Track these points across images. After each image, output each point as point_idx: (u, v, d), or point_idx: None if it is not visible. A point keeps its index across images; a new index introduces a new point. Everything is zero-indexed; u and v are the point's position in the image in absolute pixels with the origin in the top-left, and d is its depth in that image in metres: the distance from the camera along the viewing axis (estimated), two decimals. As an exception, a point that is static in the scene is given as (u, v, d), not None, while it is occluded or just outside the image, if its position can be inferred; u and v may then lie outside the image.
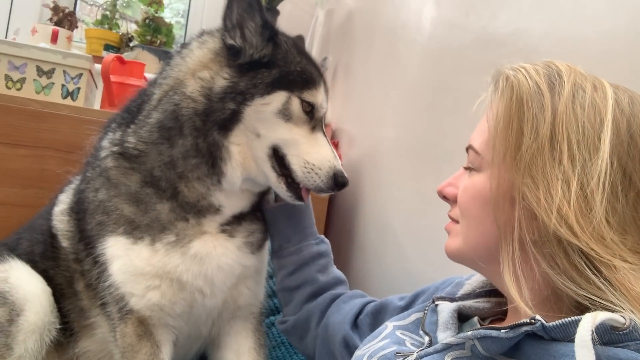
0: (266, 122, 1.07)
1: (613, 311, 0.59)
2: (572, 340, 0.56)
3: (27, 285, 1.15)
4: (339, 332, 1.07)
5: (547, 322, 0.59)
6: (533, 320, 0.60)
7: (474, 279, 0.88)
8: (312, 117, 1.10)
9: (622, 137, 0.66)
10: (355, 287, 1.42)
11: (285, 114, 1.07)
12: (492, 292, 0.84)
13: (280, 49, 1.10)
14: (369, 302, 1.12)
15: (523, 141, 0.67)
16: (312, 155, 1.09)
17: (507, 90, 0.71)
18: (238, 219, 1.15)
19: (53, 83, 1.65)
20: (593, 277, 0.61)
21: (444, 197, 0.84)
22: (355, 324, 1.09)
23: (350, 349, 1.03)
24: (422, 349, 0.73)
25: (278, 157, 1.09)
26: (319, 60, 2.33)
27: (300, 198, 1.11)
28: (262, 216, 1.21)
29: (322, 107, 1.12)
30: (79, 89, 1.67)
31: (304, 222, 1.24)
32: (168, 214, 1.08)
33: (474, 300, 0.84)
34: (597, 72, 0.76)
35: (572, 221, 0.63)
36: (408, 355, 0.74)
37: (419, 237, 1.42)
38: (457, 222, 0.79)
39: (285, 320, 1.23)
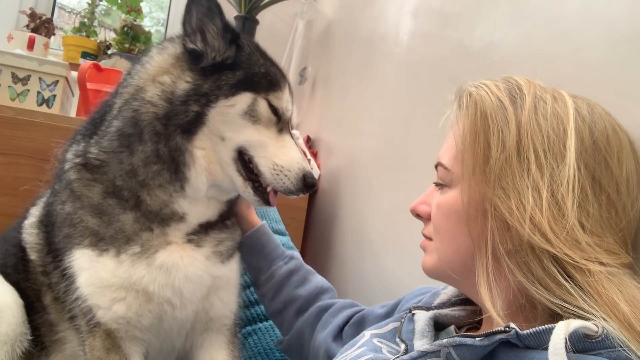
0: (231, 124, 1.06)
1: (585, 319, 0.60)
2: (546, 349, 0.57)
3: (0, 296, 1.13)
4: (322, 345, 1.07)
5: (521, 330, 0.60)
6: (507, 329, 0.61)
7: (450, 288, 0.89)
8: (280, 119, 1.10)
9: (586, 143, 0.68)
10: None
11: (251, 116, 1.07)
12: (467, 301, 0.85)
13: (243, 51, 1.10)
14: (358, 311, 1.11)
15: (491, 154, 0.69)
16: (280, 157, 1.08)
17: (471, 106, 0.73)
18: (205, 228, 1.13)
19: (28, 90, 1.63)
20: (565, 283, 0.63)
21: (417, 215, 0.85)
22: (340, 335, 1.08)
23: None
24: (398, 356, 0.73)
25: (244, 161, 1.08)
26: (298, 70, 2.36)
27: (267, 202, 1.11)
28: (231, 224, 1.20)
29: (288, 109, 1.12)
30: (54, 96, 1.65)
31: (267, 249, 1.26)
32: (132, 224, 1.07)
33: (450, 309, 0.84)
34: (570, 84, 0.78)
35: (545, 228, 0.64)
36: None
37: (395, 247, 1.43)
38: (431, 239, 0.80)
39: (283, 341, 1.24)
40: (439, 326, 0.83)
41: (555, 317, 0.64)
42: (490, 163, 0.68)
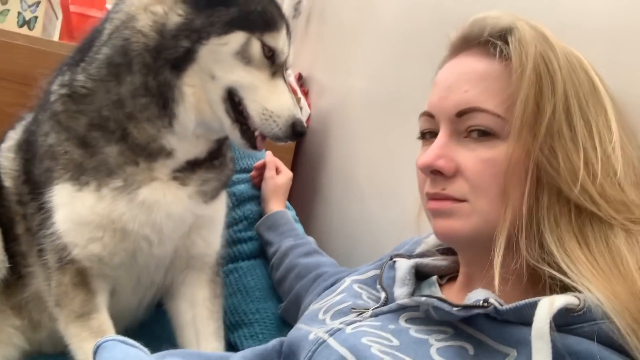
0: (223, 64, 1.02)
1: (569, 287, 0.58)
2: (526, 324, 0.55)
3: None
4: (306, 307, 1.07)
5: (500, 305, 0.59)
6: (486, 304, 0.59)
7: (432, 237, 0.87)
8: (273, 62, 1.06)
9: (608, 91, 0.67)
10: (317, 239, 1.43)
11: (244, 56, 1.02)
12: (449, 251, 0.83)
13: None
14: (345, 274, 1.11)
15: (543, 107, 0.63)
16: (271, 102, 1.04)
17: (526, 49, 0.65)
18: (192, 166, 1.11)
19: (8, 10, 1.57)
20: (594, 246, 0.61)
21: (434, 172, 0.70)
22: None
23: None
24: (377, 307, 0.73)
25: (233, 102, 1.05)
26: (292, 3, 2.27)
27: (254, 146, 1.08)
28: (219, 164, 1.17)
29: (284, 52, 1.07)
30: (36, 17, 1.58)
31: (283, 228, 1.35)
32: (116, 157, 1.04)
33: (432, 259, 0.83)
34: (572, 32, 0.74)
35: (592, 190, 0.62)
36: (363, 312, 0.73)
37: (382, 191, 1.41)
38: (461, 200, 0.68)
39: (282, 306, 1.27)
40: (421, 275, 0.82)
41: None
42: (540, 114, 0.63)
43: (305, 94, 2.01)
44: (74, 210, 1.03)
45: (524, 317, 0.57)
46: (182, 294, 1.22)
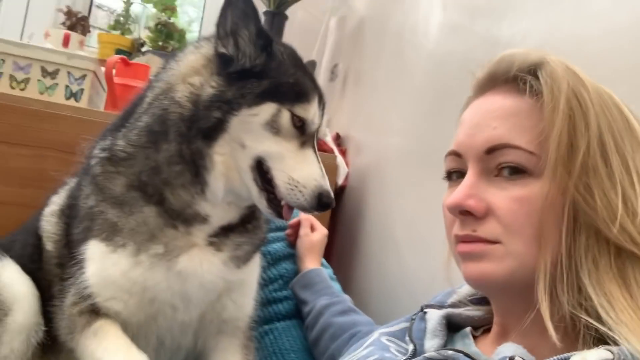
0: (253, 134, 1.02)
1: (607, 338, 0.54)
2: None
3: (17, 285, 1.13)
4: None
5: None
6: None
7: (465, 287, 0.83)
8: (303, 132, 1.05)
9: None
10: (356, 295, 1.40)
11: (273, 127, 1.02)
12: (483, 300, 0.79)
13: (274, 60, 1.05)
14: None
15: (577, 143, 0.60)
16: (297, 172, 1.03)
17: (558, 84, 0.63)
18: (225, 231, 1.10)
19: (57, 84, 1.65)
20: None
21: (463, 213, 0.66)
22: None
23: None
24: (405, 359, 0.69)
25: (262, 171, 1.04)
26: (329, 67, 2.32)
27: (280, 215, 1.05)
28: (252, 227, 1.16)
29: (314, 122, 1.07)
30: (82, 90, 1.66)
31: (318, 286, 1.33)
32: (155, 217, 1.04)
33: (465, 309, 0.79)
34: (600, 70, 0.72)
35: (631, 228, 0.58)
36: None
37: (419, 246, 1.38)
38: (494, 242, 0.64)
39: None
40: (454, 327, 0.77)
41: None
42: (574, 151, 0.60)
43: (343, 153, 2.02)
44: (104, 268, 1.03)
45: None
46: None
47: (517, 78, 0.66)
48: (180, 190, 1.05)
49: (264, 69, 1.03)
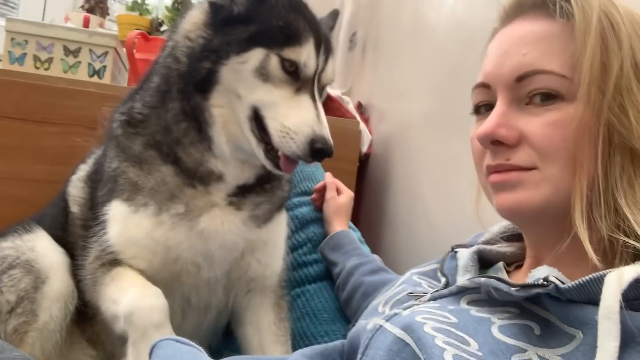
0: (244, 82, 0.99)
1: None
2: (593, 303, 0.51)
3: (52, 254, 1.16)
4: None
5: (562, 283, 0.54)
6: (546, 282, 0.54)
7: (496, 226, 0.82)
8: (297, 78, 1.00)
9: None
10: (385, 258, 1.39)
11: (262, 73, 0.98)
12: (514, 237, 0.78)
13: (265, 5, 1.01)
14: None
15: (609, 63, 0.60)
16: (289, 119, 0.98)
17: (586, 2, 0.62)
18: (243, 191, 1.10)
19: (80, 62, 1.67)
20: None
21: (494, 143, 0.65)
22: None
23: None
24: (437, 291, 0.69)
25: (258, 120, 1.01)
26: (347, 36, 2.30)
27: (278, 167, 1.01)
28: (270, 187, 1.16)
29: (308, 66, 1.01)
30: (104, 67, 1.68)
31: (346, 247, 1.32)
32: (173, 176, 1.05)
33: (497, 246, 0.78)
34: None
35: None
36: (421, 296, 0.69)
37: (447, 204, 1.37)
38: (529, 169, 0.63)
39: (350, 327, 1.24)
40: (485, 263, 0.76)
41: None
42: (608, 71, 0.59)
43: (366, 121, 2.01)
44: (127, 228, 1.05)
45: (590, 295, 0.52)
46: (247, 319, 1.21)
47: (545, 3, 0.65)
48: (190, 148, 1.05)
49: (251, 14, 1.00)
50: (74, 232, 1.19)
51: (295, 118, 0.98)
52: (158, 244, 1.04)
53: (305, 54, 1.00)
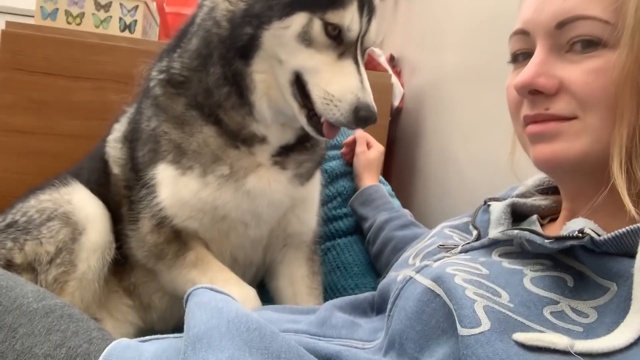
0: (287, 47, 0.97)
1: None
2: (630, 255, 0.49)
3: (89, 206, 1.18)
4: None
5: (598, 235, 0.52)
6: (581, 234, 0.53)
7: (531, 179, 0.81)
8: (340, 42, 0.97)
9: None
10: (417, 212, 1.39)
11: (305, 39, 0.96)
12: (549, 190, 0.76)
13: None
14: None
15: None
16: (333, 85, 0.95)
17: None
18: (286, 150, 1.10)
19: (111, 17, 1.67)
20: None
21: (532, 92, 0.64)
22: None
23: None
24: (468, 243, 0.68)
25: (301, 86, 1.00)
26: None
27: (321, 132, 1.00)
28: (310, 145, 1.16)
29: (352, 29, 0.97)
30: (135, 21, 1.67)
31: (377, 202, 1.32)
32: (216, 137, 1.06)
33: (532, 199, 0.76)
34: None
35: None
36: (452, 248, 0.69)
37: (479, 158, 1.35)
38: (570, 118, 0.62)
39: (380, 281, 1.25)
40: (519, 217, 0.75)
41: None
42: None
43: (398, 74, 1.98)
44: (177, 190, 1.06)
45: (626, 248, 0.51)
46: (281, 273, 1.23)
47: None
48: (232, 112, 1.05)
49: None
50: (117, 192, 1.20)
51: (339, 85, 0.96)
52: (206, 204, 1.05)
53: (349, 17, 0.97)
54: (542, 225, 0.73)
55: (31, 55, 1.52)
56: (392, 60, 2.06)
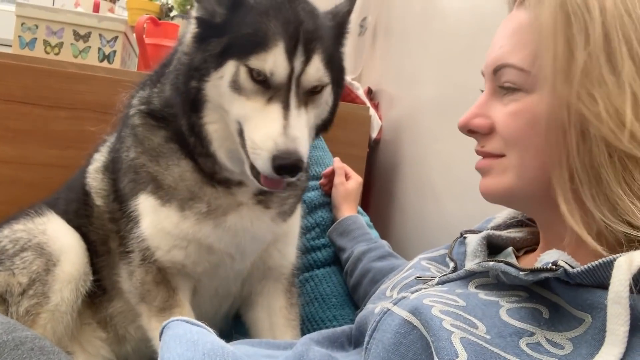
0: (225, 97, 0.94)
1: None
2: (602, 287, 0.50)
3: (64, 237, 1.17)
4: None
5: (572, 267, 0.53)
6: (554, 267, 0.54)
7: (505, 211, 0.82)
8: (269, 86, 0.91)
9: None
10: (395, 243, 1.40)
11: (235, 87, 0.92)
12: (524, 222, 0.78)
13: (239, 12, 0.93)
14: None
15: (574, 50, 0.58)
16: (257, 132, 0.90)
17: None
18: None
19: (89, 47, 1.67)
20: None
21: (470, 132, 0.70)
22: None
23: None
24: (445, 275, 0.69)
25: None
26: (357, 21, 2.28)
27: (259, 182, 0.94)
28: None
29: (276, 73, 0.90)
30: (114, 51, 1.68)
31: (355, 233, 1.33)
32: (192, 172, 1.04)
33: (506, 231, 0.78)
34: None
35: None
36: (429, 280, 0.69)
37: (456, 188, 1.37)
38: (499, 156, 0.67)
39: (358, 313, 1.24)
40: (495, 249, 0.76)
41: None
42: (573, 61, 0.58)
43: (376, 106, 2.01)
44: (158, 220, 1.05)
45: (600, 279, 0.52)
46: (259, 304, 1.22)
47: None
48: (203, 159, 1.04)
49: (225, 24, 0.94)
50: (103, 225, 1.18)
51: (261, 132, 0.90)
52: (186, 234, 1.04)
53: (272, 60, 0.90)
54: (517, 257, 0.75)
55: (8, 84, 1.51)
56: (370, 93, 2.09)
